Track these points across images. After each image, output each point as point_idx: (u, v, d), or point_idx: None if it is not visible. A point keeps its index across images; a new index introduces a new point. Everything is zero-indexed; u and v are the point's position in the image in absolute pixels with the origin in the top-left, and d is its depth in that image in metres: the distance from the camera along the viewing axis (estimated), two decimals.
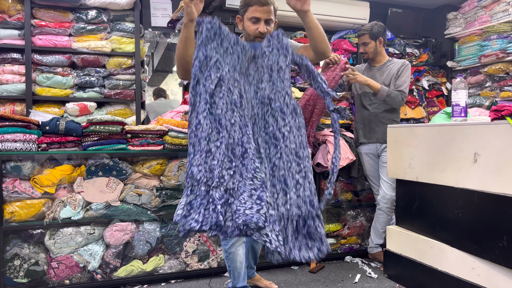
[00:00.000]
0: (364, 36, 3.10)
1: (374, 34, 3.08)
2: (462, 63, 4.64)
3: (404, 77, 3.04)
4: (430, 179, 2.45)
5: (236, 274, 2.32)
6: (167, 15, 3.89)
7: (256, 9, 2.02)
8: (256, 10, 2.02)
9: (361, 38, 3.14)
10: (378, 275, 2.87)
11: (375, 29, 3.07)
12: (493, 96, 4.29)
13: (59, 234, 2.54)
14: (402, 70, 3.06)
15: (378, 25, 3.11)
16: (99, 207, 2.61)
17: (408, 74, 3.07)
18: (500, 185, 2.02)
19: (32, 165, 2.49)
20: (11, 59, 3.24)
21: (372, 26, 3.10)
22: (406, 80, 3.04)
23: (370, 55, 3.15)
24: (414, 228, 2.63)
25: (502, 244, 1.99)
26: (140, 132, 2.73)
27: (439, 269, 2.38)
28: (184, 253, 2.80)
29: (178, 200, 2.77)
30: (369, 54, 3.15)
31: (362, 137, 3.17)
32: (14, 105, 3.25)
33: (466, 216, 2.21)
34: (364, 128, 3.16)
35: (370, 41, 3.10)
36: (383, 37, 3.13)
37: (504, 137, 1.99)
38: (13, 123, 2.47)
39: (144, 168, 2.71)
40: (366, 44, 3.12)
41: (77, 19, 3.35)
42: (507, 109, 1.99)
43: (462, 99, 2.34)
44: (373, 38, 3.09)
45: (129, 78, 3.52)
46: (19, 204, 2.48)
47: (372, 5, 4.39)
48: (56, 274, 2.52)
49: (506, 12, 4.08)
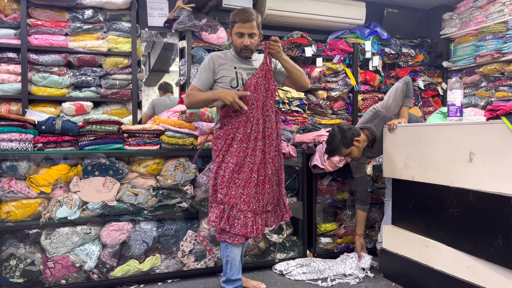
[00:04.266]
0: (341, 151, 2.74)
1: (347, 142, 2.71)
2: (457, 63, 4.67)
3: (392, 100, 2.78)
4: (426, 178, 2.46)
5: (233, 265, 2.37)
6: (164, 14, 3.89)
7: (240, 25, 2.33)
8: (240, 26, 2.33)
9: (340, 154, 2.78)
10: (374, 274, 2.88)
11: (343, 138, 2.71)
12: (489, 96, 4.32)
13: (55, 234, 2.53)
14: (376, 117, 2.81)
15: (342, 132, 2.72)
16: (95, 207, 2.61)
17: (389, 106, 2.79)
18: (495, 184, 2.03)
19: (28, 165, 2.48)
20: (7, 58, 3.23)
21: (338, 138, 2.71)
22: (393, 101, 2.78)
23: (359, 155, 2.83)
24: (410, 227, 2.65)
25: (497, 243, 2.00)
26: (136, 131, 2.72)
27: (435, 268, 2.39)
28: (181, 253, 2.79)
29: (174, 199, 2.77)
30: (358, 156, 2.82)
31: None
32: (10, 104, 3.24)
33: (462, 215, 2.22)
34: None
35: (350, 149, 2.74)
36: (355, 135, 2.74)
37: (500, 136, 2.00)
38: (8, 122, 2.45)
39: (140, 167, 2.71)
40: (350, 154, 2.77)
41: (73, 18, 3.35)
42: (502, 108, 2.00)
43: (458, 98, 2.35)
44: (349, 145, 2.73)
45: (126, 78, 3.52)
46: (15, 204, 2.47)
47: (368, 5, 4.41)
48: (52, 274, 2.52)
49: (501, 12, 4.11)
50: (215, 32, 3.76)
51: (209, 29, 3.74)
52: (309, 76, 4.27)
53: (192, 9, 3.64)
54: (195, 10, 3.69)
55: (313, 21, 4.28)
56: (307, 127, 3.50)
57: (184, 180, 2.79)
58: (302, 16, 4.17)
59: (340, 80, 4.38)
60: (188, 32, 3.70)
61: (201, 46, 3.79)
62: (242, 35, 2.35)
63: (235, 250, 2.35)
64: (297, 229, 3.21)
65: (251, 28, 2.34)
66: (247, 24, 2.32)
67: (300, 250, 3.14)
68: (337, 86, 4.36)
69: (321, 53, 4.32)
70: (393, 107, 2.80)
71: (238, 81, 2.39)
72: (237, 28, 2.35)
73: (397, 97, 2.79)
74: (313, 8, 4.19)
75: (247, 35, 2.35)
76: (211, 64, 2.41)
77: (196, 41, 3.78)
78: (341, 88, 4.34)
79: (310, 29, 4.35)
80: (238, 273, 2.41)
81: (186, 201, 2.81)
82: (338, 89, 4.35)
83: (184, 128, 2.79)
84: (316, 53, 4.28)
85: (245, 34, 2.35)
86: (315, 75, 4.25)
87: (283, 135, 3.13)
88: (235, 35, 2.38)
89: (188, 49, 3.74)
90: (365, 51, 4.42)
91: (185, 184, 2.80)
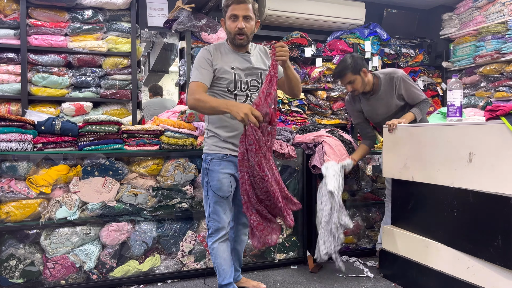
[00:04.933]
0: (347, 75, 2.73)
1: (356, 68, 2.72)
2: (457, 64, 4.67)
3: (408, 90, 2.78)
4: (426, 178, 2.46)
5: (220, 270, 2.31)
6: (164, 15, 3.90)
7: (234, 7, 2.15)
8: (234, 8, 2.15)
9: (344, 79, 2.77)
10: (374, 275, 2.88)
11: (354, 63, 2.72)
12: (488, 96, 4.32)
13: (55, 234, 2.53)
14: (402, 84, 2.77)
15: (355, 57, 2.77)
16: (95, 207, 2.61)
17: (408, 83, 2.79)
18: (495, 185, 2.03)
19: (27, 165, 2.48)
20: (7, 58, 3.23)
21: (349, 61, 2.73)
22: (411, 88, 2.78)
23: (361, 90, 2.80)
24: (409, 227, 2.65)
25: (497, 243, 2.00)
26: (136, 132, 2.72)
27: (434, 268, 2.39)
28: (181, 253, 2.80)
29: (174, 200, 2.77)
30: (359, 90, 2.79)
31: None
32: (10, 105, 3.24)
33: (461, 216, 2.23)
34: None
35: (355, 77, 2.74)
36: (365, 67, 2.76)
37: (499, 137, 2.00)
38: (8, 123, 2.45)
39: (140, 168, 2.71)
40: (352, 82, 2.75)
41: (73, 18, 3.35)
42: (502, 109, 2.00)
43: (457, 99, 2.36)
44: (357, 72, 2.73)
45: (125, 78, 3.52)
46: (14, 204, 2.46)
47: (367, 6, 4.41)
48: (52, 274, 2.52)
49: (501, 12, 4.11)
50: (214, 32, 3.76)
51: (209, 29, 3.74)
52: (308, 76, 4.28)
53: (191, 10, 3.64)
54: (194, 11, 3.69)
55: (313, 21, 4.28)
56: (306, 128, 3.50)
57: (184, 181, 2.79)
58: (302, 16, 4.17)
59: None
60: (187, 32, 3.71)
61: (201, 46, 3.79)
62: (236, 18, 2.16)
63: (220, 254, 2.29)
64: (297, 229, 3.21)
65: (246, 10, 2.15)
66: (241, 6, 2.15)
67: (299, 251, 3.14)
68: (336, 86, 4.36)
69: (321, 53, 4.32)
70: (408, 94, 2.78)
71: (236, 85, 2.23)
72: (231, 10, 2.16)
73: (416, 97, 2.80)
74: (313, 8, 4.19)
75: (242, 17, 2.15)
76: (208, 55, 2.21)
77: (196, 42, 3.78)
78: (341, 89, 4.35)
79: (309, 29, 4.36)
80: (229, 278, 2.32)
81: (185, 201, 2.81)
82: (337, 89, 4.35)
83: (183, 128, 2.79)
84: (316, 54, 4.28)
85: (240, 16, 2.15)
86: (315, 75, 4.25)
87: (283, 135, 3.14)
88: (229, 19, 2.18)
89: (188, 50, 3.74)
90: (364, 51, 4.42)
91: (184, 185, 2.80)
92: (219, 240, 2.29)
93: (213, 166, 2.25)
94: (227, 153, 2.26)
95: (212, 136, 2.29)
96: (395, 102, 2.84)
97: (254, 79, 2.30)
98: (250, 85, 2.28)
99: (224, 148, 2.26)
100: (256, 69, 2.30)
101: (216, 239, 2.29)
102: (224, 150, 2.26)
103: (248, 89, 2.28)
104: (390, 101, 2.85)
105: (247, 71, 2.28)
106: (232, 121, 2.22)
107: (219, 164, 2.24)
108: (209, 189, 2.27)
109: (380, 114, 2.91)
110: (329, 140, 3.05)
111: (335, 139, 3.10)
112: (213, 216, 2.27)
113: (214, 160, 2.25)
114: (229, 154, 2.26)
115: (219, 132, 2.26)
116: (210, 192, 2.26)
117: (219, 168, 2.24)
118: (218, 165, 2.24)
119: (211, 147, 2.28)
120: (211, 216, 2.28)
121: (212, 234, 2.30)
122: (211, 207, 2.27)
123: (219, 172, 2.24)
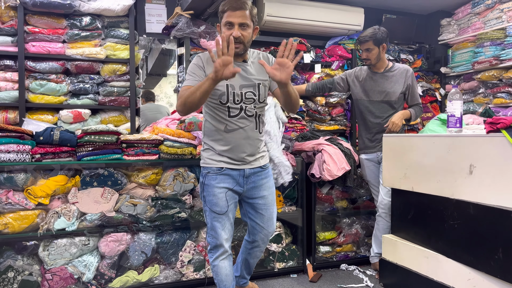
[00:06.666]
0: (368, 42, 2.95)
1: (378, 40, 2.94)
2: (455, 69, 4.67)
3: (414, 88, 3.07)
4: (426, 189, 2.45)
5: (221, 286, 2.26)
6: (162, 21, 3.88)
7: (230, 14, 2.01)
8: (229, 15, 2.02)
9: (364, 44, 2.97)
10: (374, 284, 2.88)
11: (379, 34, 2.94)
12: (486, 103, 4.32)
13: (53, 246, 2.51)
14: (412, 80, 3.05)
15: (382, 31, 2.97)
16: (94, 218, 2.59)
17: (415, 82, 3.11)
18: (496, 197, 2.03)
19: (25, 176, 2.46)
20: (4, 66, 3.20)
21: (376, 31, 2.95)
22: (416, 88, 3.09)
23: (373, 62, 3.01)
24: (409, 237, 2.64)
25: (498, 256, 2.00)
26: (135, 141, 2.70)
27: (434, 279, 2.39)
28: (180, 263, 2.78)
29: (173, 209, 2.75)
30: (372, 60, 3.00)
31: (367, 145, 3.10)
32: (7, 112, 3.21)
33: (462, 228, 2.22)
34: (369, 137, 3.08)
35: (374, 47, 2.95)
36: (386, 43, 3.00)
37: (500, 149, 2.00)
38: (6, 133, 2.43)
39: (139, 178, 2.70)
40: (369, 51, 2.97)
41: (71, 25, 3.32)
42: (503, 122, 2.00)
43: (458, 109, 2.35)
44: (377, 44, 2.95)
45: (124, 85, 3.50)
46: (12, 215, 2.44)
47: (366, 11, 4.40)
48: (50, 286, 2.50)
49: (499, 19, 4.11)
50: (213, 39, 3.74)
51: (208, 36, 3.72)
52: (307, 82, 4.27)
53: (190, 16, 3.62)
54: (193, 17, 3.67)
55: (312, 27, 4.27)
56: (306, 135, 3.49)
57: (183, 190, 2.77)
58: (301, 22, 4.16)
59: None
60: (186, 38, 3.69)
61: (199, 52, 3.77)
62: (231, 26, 2.02)
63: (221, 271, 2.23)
64: (297, 238, 3.20)
65: (242, 17, 2.01)
66: (238, 12, 2.00)
67: (299, 259, 3.13)
68: (335, 92, 4.34)
69: (320, 59, 4.31)
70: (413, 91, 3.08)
71: (229, 97, 2.09)
72: (226, 17, 2.02)
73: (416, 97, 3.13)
74: (312, 14, 4.18)
75: (237, 25, 2.01)
76: (201, 62, 2.13)
77: (195, 48, 3.76)
78: (340, 94, 4.34)
79: (308, 35, 4.34)
80: None
81: (185, 211, 2.80)
82: (336, 95, 4.34)
83: (183, 137, 2.78)
84: (315, 59, 4.27)
85: (235, 24, 2.01)
86: (314, 81, 4.24)
87: (283, 143, 3.13)
88: (224, 26, 2.04)
89: (187, 56, 3.72)
90: None
91: (184, 194, 2.79)
92: (220, 258, 2.23)
93: (209, 181, 2.18)
94: (222, 167, 2.18)
95: (208, 149, 2.23)
96: (398, 90, 3.02)
97: (249, 91, 2.14)
98: (244, 97, 2.13)
99: (219, 162, 2.18)
100: (253, 80, 2.15)
101: (216, 256, 2.23)
102: (219, 163, 2.18)
103: (243, 101, 2.13)
104: (394, 86, 3.03)
105: (242, 82, 2.13)
106: (226, 134, 2.15)
107: (214, 178, 2.17)
108: (205, 205, 2.22)
109: (377, 93, 3.05)
110: (329, 149, 3.05)
111: (335, 147, 3.10)
112: (211, 232, 2.21)
113: (210, 174, 2.19)
114: (225, 167, 2.18)
115: (213, 146, 2.20)
116: (207, 208, 2.21)
117: (214, 182, 2.17)
118: (214, 179, 2.17)
119: (206, 161, 2.22)
120: (209, 232, 2.23)
121: (211, 250, 2.25)
122: (209, 222, 2.22)
123: (214, 186, 2.17)
